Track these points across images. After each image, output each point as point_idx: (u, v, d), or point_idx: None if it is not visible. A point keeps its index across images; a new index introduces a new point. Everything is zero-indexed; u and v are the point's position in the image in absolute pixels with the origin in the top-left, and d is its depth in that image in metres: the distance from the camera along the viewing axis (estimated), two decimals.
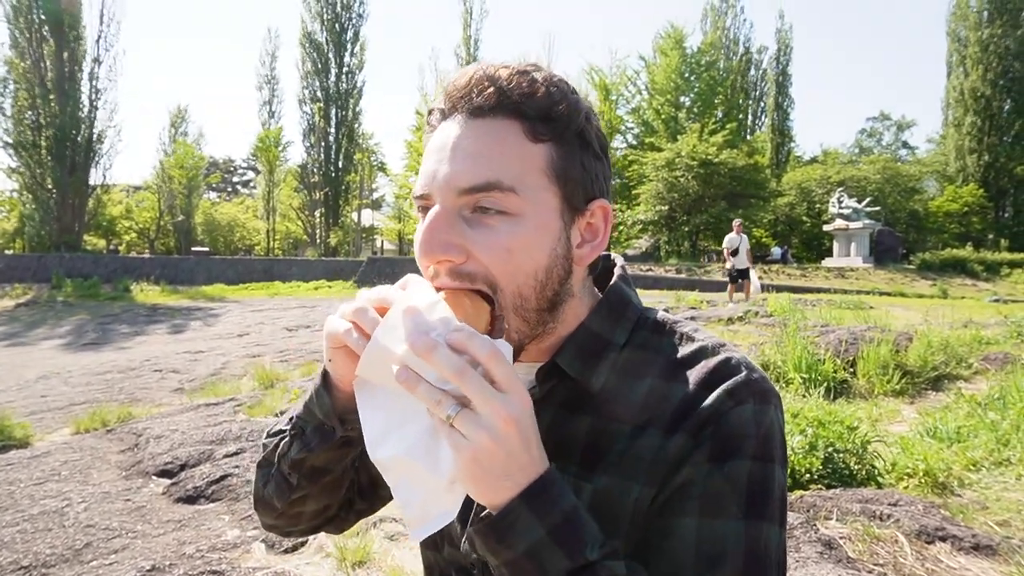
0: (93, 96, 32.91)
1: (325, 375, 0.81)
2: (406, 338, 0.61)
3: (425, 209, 0.74)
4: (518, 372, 0.85)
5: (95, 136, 32.83)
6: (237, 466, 4.27)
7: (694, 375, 0.75)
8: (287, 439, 0.87)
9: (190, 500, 3.92)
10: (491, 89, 0.71)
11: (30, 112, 31.31)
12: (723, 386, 0.73)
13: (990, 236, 37.01)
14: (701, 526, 0.69)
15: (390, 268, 27.90)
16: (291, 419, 0.88)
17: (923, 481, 3.80)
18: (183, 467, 4.40)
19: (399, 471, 0.67)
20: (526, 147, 0.72)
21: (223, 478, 4.10)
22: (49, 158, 31.61)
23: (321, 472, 0.86)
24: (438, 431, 0.63)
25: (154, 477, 4.35)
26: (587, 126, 0.76)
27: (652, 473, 0.72)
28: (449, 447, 0.62)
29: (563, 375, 0.79)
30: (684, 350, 0.79)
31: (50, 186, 31.65)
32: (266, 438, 0.92)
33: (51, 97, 31.45)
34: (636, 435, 0.74)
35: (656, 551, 0.70)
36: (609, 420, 0.76)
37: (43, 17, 31.29)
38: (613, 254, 0.91)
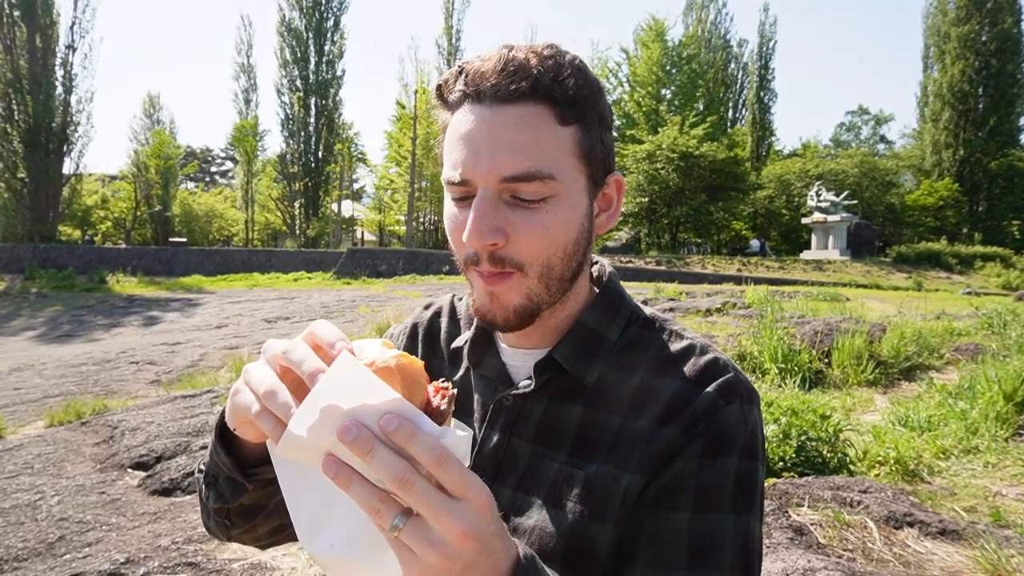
0: (67, 84, 32.31)
1: (223, 430, 0.73)
2: (337, 428, 0.51)
3: (461, 193, 0.75)
4: (518, 360, 0.85)
5: (69, 124, 32.23)
6: None
7: (685, 371, 0.78)
8: (204, 487, 0.81)
9: (166, 492, 3.89)
10: (523, 76, 0.71)
11: (1, 100, 30.65)
12: (714, 384, 0.76)
13: (964, 230, 37.52)
14: (694, 519, 0.71)
15: (370, 259, 27.73)
16: (200, 467, 0.82)
17: (894, 469, 3.88)
18: (159, 459, 4.36)
19: (340, 569, 0.60)
20: (558, 132, 0.73)
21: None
22: (21, 147, 31.00)
23: (253, 509, 0.79)
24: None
25: (129, 469, 4.31)
26: (604, 104, 0.78)
27: (642, 462, 0.74)
28: (395, 557, 0.54)
29: (559, 369, 0.81)
30: (674, 346, 0.81)
31: (23, 175, 31.05)
32: (198, 471, 0.85)
33: (23, 84, 30.80)
34: (627, 426, 0.76)
35: (649, 542, 0.72)
36: (600, 411, 0.78)
37: (14, 2, 30.60)
38: (595, 256, 0.92)
